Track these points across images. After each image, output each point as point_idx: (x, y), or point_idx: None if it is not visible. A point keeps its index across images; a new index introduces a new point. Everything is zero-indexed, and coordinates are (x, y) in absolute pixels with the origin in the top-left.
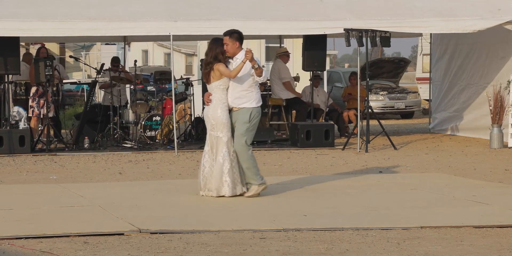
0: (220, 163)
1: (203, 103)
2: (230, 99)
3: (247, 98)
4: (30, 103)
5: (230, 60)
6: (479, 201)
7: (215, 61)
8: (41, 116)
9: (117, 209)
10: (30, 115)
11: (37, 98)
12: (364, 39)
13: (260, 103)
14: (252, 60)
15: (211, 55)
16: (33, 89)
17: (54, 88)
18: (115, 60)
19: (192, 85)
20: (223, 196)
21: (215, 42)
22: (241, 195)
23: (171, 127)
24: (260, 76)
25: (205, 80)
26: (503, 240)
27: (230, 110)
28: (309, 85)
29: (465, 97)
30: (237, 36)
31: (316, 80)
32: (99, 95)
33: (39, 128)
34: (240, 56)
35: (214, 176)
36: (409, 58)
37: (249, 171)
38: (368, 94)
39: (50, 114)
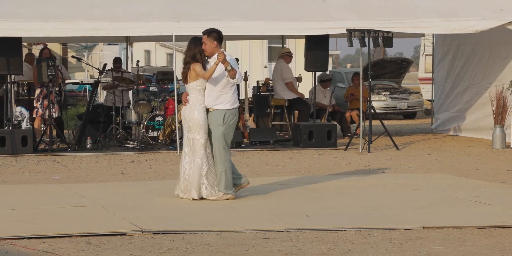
0: (199, 165)
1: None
2: (206, 100)
3: (221, 100)
4: (34, 104)
5: (208, 60)
6: (482, 202)
7: (193, 61)
8: (45, 117)
9: (119, 210)
10: (34, 115)
11: (41, 99)
12: (366, 40)
13: (236, 105)
14: (224, 61)
15: (189, 54)
16: (37, 91)
17: (57, 89)
18: (117, 61)
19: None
20: (201, 198)
21: (194, 42)
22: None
23: (173, 127)
24: (233, 78)
25: (183, 80)
26: (506, 241)
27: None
28: (315, 86)
29: (468, 97)
30: (215, 35)
31: (325, 83)
32: (102, 96)
33: (42, 129)
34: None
35: (192, 178)
36: (411, 58)
37: (223, 175)
38: (371, 95)
39: (55, 115)
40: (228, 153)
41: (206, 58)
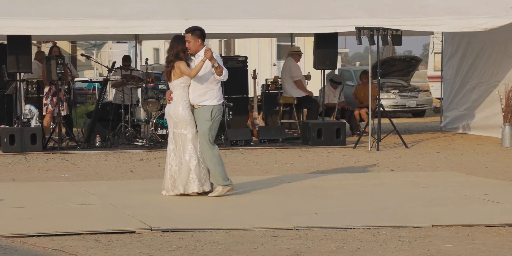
0: (187, 160)
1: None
2: (191, 97)
3: (208, 96)
4: (44, 101)
5: (192, 58)
6: (491, 200)
7: (176, 59)
8: (55, 114)
9: (128, 207)
10: (44, 112)
11: (50, 96)
12: (375, 38)
13: (221, 101)
14: (211, 58)
15: (172, 53)
16: (46, 88)
17: (66, 87)
18: (126, 59)
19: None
20: (189, 194)
21: (177, 40)
22: (208, 192)
23: None
24: (220, 75)
25: (166, 78)
26: None
27: (193, 107)
28: (325, 85)
29: (476, 95)
30: (199, 33)
31: (335, 85)
32: (110, 94)
33: (51, 126)
34: (202, 53)
35: (181, 173)
36: (420, 56)
37: (213, 171)
38: (379, 93)
39: (64, 113)
40: (215, 147)
41: (189, 55)
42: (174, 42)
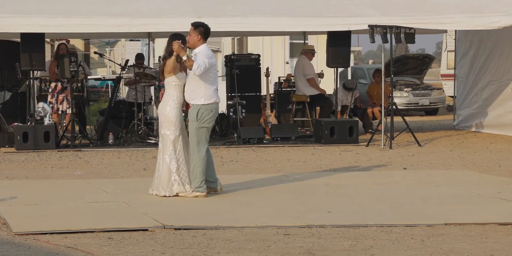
0: (167, 162)
1: (228, 100)
2: (185, 95)
3: (196, 95)
4: (49, 99)
5: (191, 55)
6: (504, 198)
7: (170, 56)
8: (59, 112)
9: (141, 205)
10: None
11: (55, 94)
12: (388, 36)
13: (212, 101)
14: (180, 51)
15: (168, 50)
16: (52, 85)
17: (79, 84)
18: (139, 57)
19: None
20: (175, 195)
21: (173, 38)
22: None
23: None
24: (190, 69)
25: (161, 76)
26: None
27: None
28: (338, 88)
29: (488, 93)
30: (201, 30)
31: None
32: (123, 91)
33: (60, 124)
34: (198, 50)
35: (162, 175)
36: (433, 54)
37: (193, 171)
38: (393, 91)
39: (69, 111)
40: (203, 150)
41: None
42: (171, 40)
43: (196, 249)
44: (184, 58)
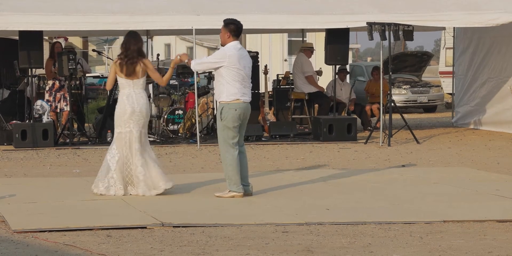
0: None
1: None
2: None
3: (219, 91)
4: (46, 97)
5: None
6: (503, 195)
7: (140, 56)
8: (58, 110)
9: (140, 203)
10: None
11: (53, 92)
12: (387, 33)
13: (234, 98)
14: (184, 57)
15: (134, 49)
16: (50, 83)
17: (77, 82)
18: None
19: (214, 79)
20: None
21: (133, 36)
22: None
23: (193, 121)
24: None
25: (126, 74)
26: None
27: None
28: (333, 79)
29: (487, 90)
30: (232, 27)
31: (342, 74)
32: None
33: (58, 123)
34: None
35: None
36: (432, 51)
37: (225, 171)
38: (391, 88)
39: (67, 108)
40: (231, 150)
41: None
42: (132, 38)
43: (194, 247)
44: (186, 60)
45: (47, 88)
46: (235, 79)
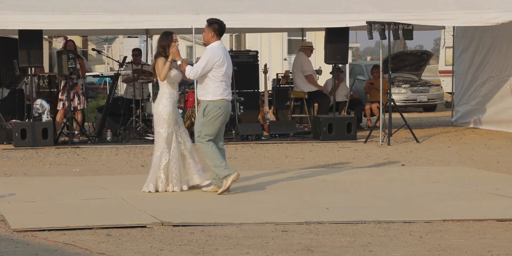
0: (158, 157)
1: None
2: (197, 92)
3: (204, 91)
4: (60, 96)
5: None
6: (502, 194)
7: (159, 55)
8: (71, 109)
9: (139, 202)
10: (58, 108)
11: (67, 91)
12: (386, 32)
13: (219, 98)
14: (176, 55)
15: (158, 50)
16: (63, 83)
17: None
18: (135, 50)
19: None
20: (156, 191)
21: (166, 36)
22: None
23: (193, 120)
24: (184, 73)
25: (154, 74)
26: None
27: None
28: (331, 78)
29: (487, 90)
30: (216, 27)
31: (336, 73)
32: (122, 88)
33: (63, 121)
34: (206, 51)
35: (151, 170)
36: (431, 51)
37: (211, 166)
38: (391, 87)
39: (80, 106)
40: (207, 142)
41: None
42: (161, 37)
43: (194, 246)
44: (179, 62)
45: (60, 87)
46: (222, 79)
